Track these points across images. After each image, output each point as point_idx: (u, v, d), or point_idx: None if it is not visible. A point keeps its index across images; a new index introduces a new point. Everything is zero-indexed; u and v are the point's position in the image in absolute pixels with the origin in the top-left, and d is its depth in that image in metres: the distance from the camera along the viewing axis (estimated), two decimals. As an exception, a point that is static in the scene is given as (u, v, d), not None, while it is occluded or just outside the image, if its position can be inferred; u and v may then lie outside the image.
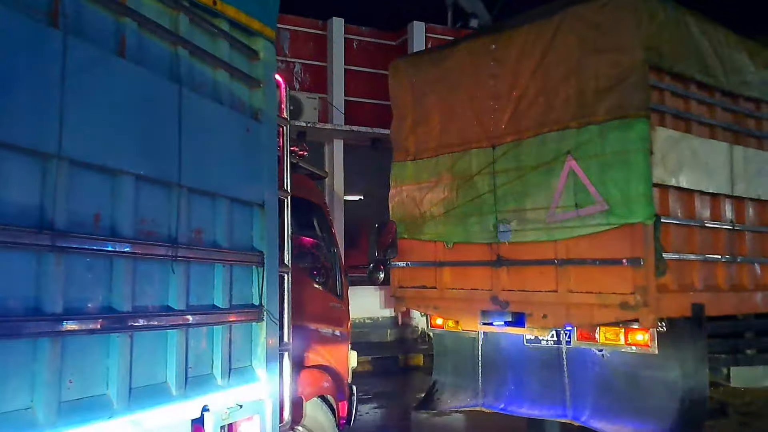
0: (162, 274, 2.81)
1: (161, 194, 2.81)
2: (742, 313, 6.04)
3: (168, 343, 2.82)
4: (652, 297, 5.03)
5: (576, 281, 5.49)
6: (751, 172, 6.13)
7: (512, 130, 5.97)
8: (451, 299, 6.44)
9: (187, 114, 2.94)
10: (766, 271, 6.26)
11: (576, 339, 5.75)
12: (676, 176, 5.44)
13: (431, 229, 6.58)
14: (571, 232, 5.50)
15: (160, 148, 2.80)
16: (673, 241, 5.42)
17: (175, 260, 2.83)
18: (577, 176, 5.45)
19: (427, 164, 6.66)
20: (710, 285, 5.70)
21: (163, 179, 2.81)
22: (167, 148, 2.84)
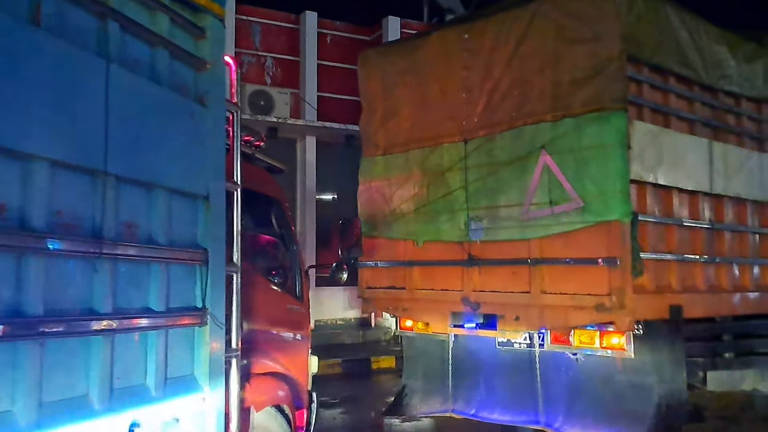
0: (84, 273, 2.49)
1: (82, 183, 2.49)
2: (720, 315, 5.84)
3: (90, 351, 2.50)
4: (628, 298, 4.80)
5: (550, 282, 5.24)
6: (731, 169, 5.94)
7: (485, 124, 5.71)
8: (420, 300, 6.17)
9: (117, 94, 2.62)
10: (744, 272, 6.08)
11: (550, 342, 5.51)
12: (654, 172, 5.22)
13: (401, 227, 6.30)
14: (545, 230, 5.25)
15: (81, 131, 2.48)
16: (651, 240, 5.20)
17: (98, 257, 2.51)
18: (551, 172, 5.21)
19: (397, 159, 6.38)
20: (688, 286, 5.49)
21: (85, 166, 2.48)
22: (90, 131, 2.51)
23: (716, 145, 5.82)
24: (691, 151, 5.60)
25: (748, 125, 6.27)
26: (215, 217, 3.24)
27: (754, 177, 6.22)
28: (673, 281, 5.35)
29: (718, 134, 5.92)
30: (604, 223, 4.91)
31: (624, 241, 4.84)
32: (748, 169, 6.15)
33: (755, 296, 6.10)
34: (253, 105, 12.78)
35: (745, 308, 5.98)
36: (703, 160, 5.69)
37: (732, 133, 6.08)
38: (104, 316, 2.54)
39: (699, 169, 5.65)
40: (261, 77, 13.53)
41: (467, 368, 6.25)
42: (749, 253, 6.12)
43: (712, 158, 5.76)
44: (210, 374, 3.15)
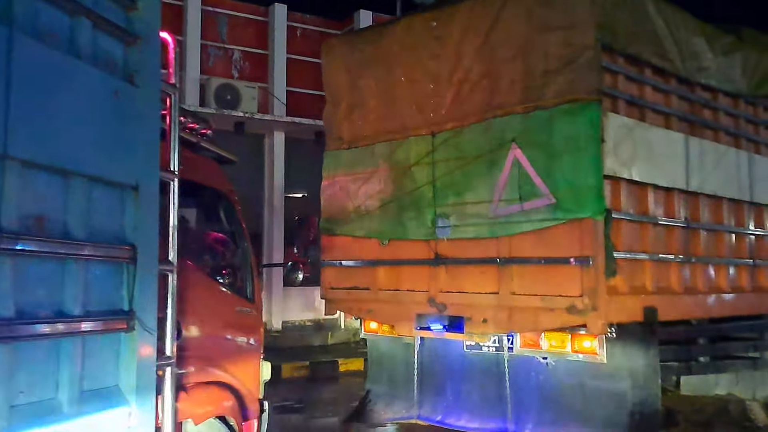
0: (-23, 272, 2.13)
1: (-26, 167, 2.13)
2: (695, 317, 5.63)
3: (-17, 362, 2.15)
4: (601, 300, 4.56)
5: (519, 282, 4.98)
6: (707, 166, 5.74)
7: (454, 116, 5.43)
8: (385, 302, 5.86)
9: (23, 67, 2.27)
10: (721, 272, 5.88)
11: (519, 345, 5.25)
12: (628, 168, 4.98)
13: (365, 225, 5.99)
14: (515, 227, 4.99)
15: (-27, 105, 2.13)
16: (625, 238, 4.97)
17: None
18: (522, 166, 4.95)
19: (363, 153, 6.07)
20: (663, 287, 5.27)
21: (-23, 147, 2.13)
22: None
23: (693, 140, 5.61)
24: (667, 146, 5.37)
25: (724, 121, 6.07)
26: (146, 210, 2.88)
27: (731, 174, 6.03)
28: (648, 282, 5.12)
29: (695, 129, 5.71)
30: (577, 220, 4.66)
31: (597, 239, 4.59)
32: (725, 166, 5.96)
33: (731, 298, 5.90)
34: (219, 99, 12.34)
35: (721, 310, 5.78)
36: (679, 156, 5.48)
37: (708, 129, 5.88)
38: (3, 322, 2.18)
39: (675, 165, 5.44)
40: (228, 71, 13.10)
41: (434, 373, 5.97)
42: (725, 253, 5.92)
43: (689, 154, 5.55)
44: (138, 386, 2.79)
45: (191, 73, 12.41)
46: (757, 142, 6.46)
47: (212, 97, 12.31)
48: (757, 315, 6.24)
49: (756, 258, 6.25)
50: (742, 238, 6.15)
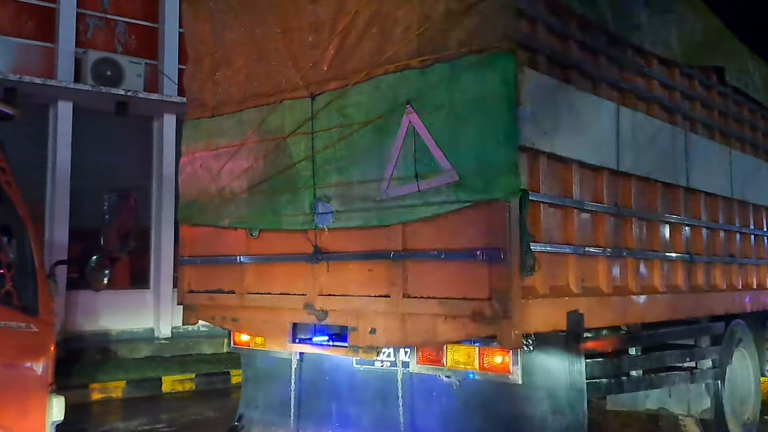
0: None
1: None
2: (627, 323, 4.72)
3: None
4: (515, 304, 3.54)
5: (415, 282, 3.91)
6: (640, 143, 4.85)
7: (337, 74, 4.32)
8: (254, 308, 4.69)
9: None
10: (654, 269, 5.01)
11: (417, 361, 4.18)
12: (550, 139, 4.00)
13: (231, 212, 4.80)
14: (410, 213, 3.92)
15: None
16: (545, 227, 3.98)
17: None
18: (418, 135, 3.88)
19: (228, 122, 4.88)
20: (590, 287, 4.33)
21: None
22: None
23: (624, 111, 4.70)
24: (595, 116, 4.44)
25: (659, 92, 5.22)
26: None
27: (666, 155, 5.18)
28: (573, 282, 4.16)
29: (626, 99, 4.80)
30: (485, 203, 3.63)
31: (510, 227, 3.57)
32: (659, 144, 5.10)
33: (666, 299, 5.04)
34: (97, 75, 10.84)
35: (655, 314, 4.90)
36: (609, 129, 4.56)
37: (641, 100, 5.00)
38: None
39: (605, 140, 4.51)
40: (110, 44, 11.58)
41: (317, 393, 4.84)
42: (660, 247, 5.05)
43: (620, 128, 4.63)
44: None
45: (65, 46, 10.87)
46: (694, 120, 5.66)
47: (89, 72, 10.79)
48: (693, 319, 5.42)
49: (693, 252, 5.44)
50: (678, 229, 5.32)
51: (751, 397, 6.38)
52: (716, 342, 5.71)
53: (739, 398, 6.17)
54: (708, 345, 5.60)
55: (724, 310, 5.83)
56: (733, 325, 5.94)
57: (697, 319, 5.48)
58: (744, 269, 6.27)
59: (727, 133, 6.18)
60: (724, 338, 5.78)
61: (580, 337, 3.96)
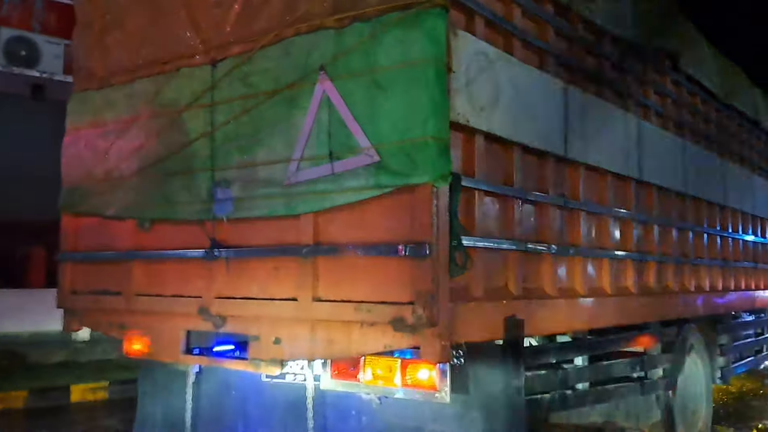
0: None
1: None
2: (573, 329, 4.20)
3: None
4: (442, 310, 2.95)
5: (328, 283, 3.29)
6: (589, 128, 4.34)
7: (242, 36, 3.67)
8: (144, 313, 3.99)
9: None
10: (603, 268, 4.50)
11: (330, 375, 3.57)
12: (488, 116, 3.43)
13: (119, 199, 4.09)
14: (323, 200, 3.29)
15: None
16: (481, 219, 3.42)
17: None
18: (333, 107, 3.26)
19: (118, 94, 4.17)
20: (533, 289, 3.79)
21: None
22: None
23: (573, 92, 4.18)
24: (541, 94, 3.89)
25: (610, 74, 4.72)
26: None
27: (617, 143, 4.69)
28: (512, 282, 3.61)
29: (575, 78, 4.28)
30: (409, 188, 3.04)
31: (437, 218, 2.98)
32: (610, 131, 4.61)
33: (615, 302, 4.54)
34: (10, 55, 9.87)
35: (604, 319, 4.40)
36: (556, 110, 4.02)
37: (591, 81, 4.49)
38: None
39: (551, 122, 3.97)
40: (26, 22, 10.54)
41: (221, 411, 4.18)
42: (609, 244, 4.55)
43: (568, 109, 4.10)
44: None
45: (-27, 22, 9.84)
46: (647, 108, 5.19)
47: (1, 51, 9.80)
48: (642, 324, 4.95)
49: (644, 251, 4.97)
50: (629, 225, 4.84)
51: (702, 406, 5.98)
52: (668, 349, 5.26)
53: (691, 408, 5.76)
54: (659, 353, 5.15)
55: (676, 314, 5.40)
56: (685, 331, 5.51)
57: (648, 324, 5.01)
58: (696, 270, 5.86)
59: (681, 124, 5.76)
60: (676, 345, 5.34)
61: (519, 346, 3.40)
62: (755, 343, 7.42)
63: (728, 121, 6.99)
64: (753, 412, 7.85)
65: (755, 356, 7.39)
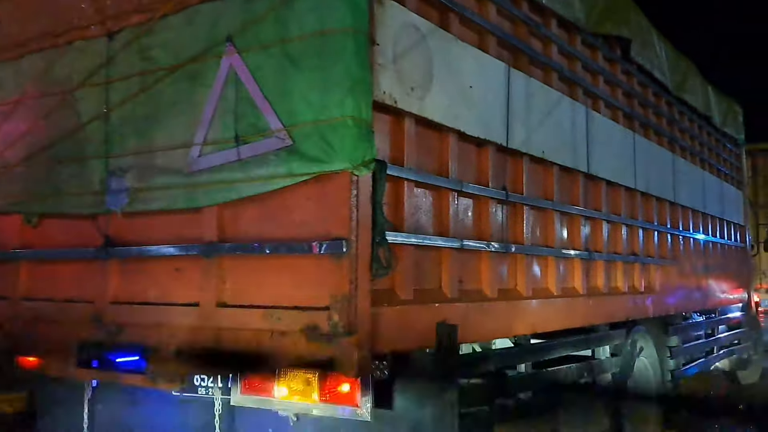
0: None
1: None
2: (515, 334, 3.86)
3: None
4: (361, 316, 2.57)
5: (234, 286, 2.88)
6: (534, 116, 4.01)
7: (140, 4, 3.21)
8: (32, 320, 3.49)
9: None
10: (548, 268, 4.18)
11: (241, 390, 3.14)
12: (420, 99, 3.05)
13: (3, 191, 3.58)
14: (229, 191, 2.87)
15: None
16: (411, 212, 3.04)
17: None
18: (241, 84, 2.84)
19: (5, 72, 3.67)
20: (470, 291, 3.43)
21: None
22: None
23: (516, 75, 3.84)
24: (481, 76, 3.53)
25: (558, 59, 4.40)
26: None
27: (564, 134, 4.37)
28: (446, 283, 3.24)
29: (520, 61, 3.95)
30: (325, 176, 2.64)
31: (357, 210, 2.60)
32: (557, 121, 4.28)
33: (561, 304, 4.23)
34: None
35: (549, 322, 4.07)
36: (497, 95, 3.67)
37: (537, 66, 4.16)
38: None
39: (492, 107, 3.62)
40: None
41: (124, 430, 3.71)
42: (555, 242, 4.23)
43: (511, 94, 3.76)
44: None
45: None
46: (596, 97, 4.90)
47: None
48: (590, 327, 4.66)
49: (592, 250, 4.67)
50: (576, 221, 4.53)
51: (652, 411, 5.74)
52: (617, 353, 4.99)
53: (640, 413, 5.50)
54: (608, 356, 4.87)
55: (625, 315, 5.13)
56: (634, 333, 5.24)
57: (596, 327, 4.72)
58: (646, 269, 5.61)
59: (631, 116, 5.50)
60: (626, 348, 5.07)
61: (452, 354, 3.02)
62: (706, 344, 7.24)
63: (680, 115, 6.78)
64: (703, 413, 7.70)
65: (706, 357, 7.21)
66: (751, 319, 8.98)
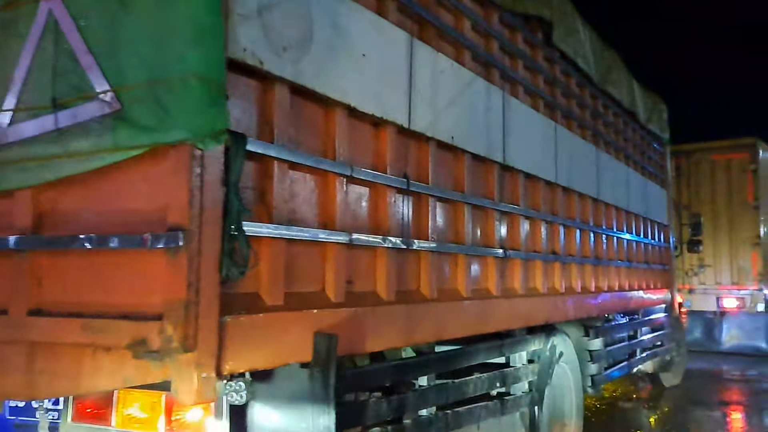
0: None
1: None
2: (415, 342, 3.38)
3: None
4: (205, 327, 2.03)
5: (50, 290, 2.29)
6: (442, 96, 3.54)
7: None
8: None
9: None
10: (458, 266, 3.74)
11: (72, 417, 2.55)
12: (296, 62, 2.53)
13: None
14: (43, 170, 2.28)
15: None
16: (281, 198, 2.51)
17: None
18: (62, 35, 2.26)
19: None
20: (360, 294, 2.93)
21: None
22: None
23: (421, 48, 3.37)
24: (376, 42, 3.04)
25: (472, 36, 3.96)
26: None
27: (477, 119, 3.93)
28: (330, 286, 2.73)
29: (425, 32, 3.48)
30: (161, 150, 2.09)
31: (202, 193, 2.06)
32: (469, 104, 3.84)
33: (473, 307, 3.79)
34: None
35: (457, 328, 3.61)
36: (397, 67, 3.19)
37: (446, 40, 3.70)
38: None
39: (390, 82, 3.13)
40: None
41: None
42: (465, 238, 3.79)
43: (413, 69, 3.29)
44: None
45: None
46: (515, 82, 4.50)
47: None
48: (505, 332, 4.24)
49: (507, 247, 4.26)
50: (490, 216, 4.11)
51: (572, 419, 5.40)
52: (534, 359, 4.60)
53: (559, 423, 5.15)
54: (524, 364, 4.47)
55: (544, 318, 4.75)
56: (553, 337, 4.88)
57: (512, 332, 4.32)
58: (567, 269, 5.27)
59: (553, 105, 5.13)
60: (544, 354, 4.69)
61: (330, 370, 2.51)
62: (629, 347, 7.00)
63: (604, 109, 6.50)
64: (627, 417, 7.50)
65: (629, 361, 6.97)
66: (674, 320, 8.87)
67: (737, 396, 8.96)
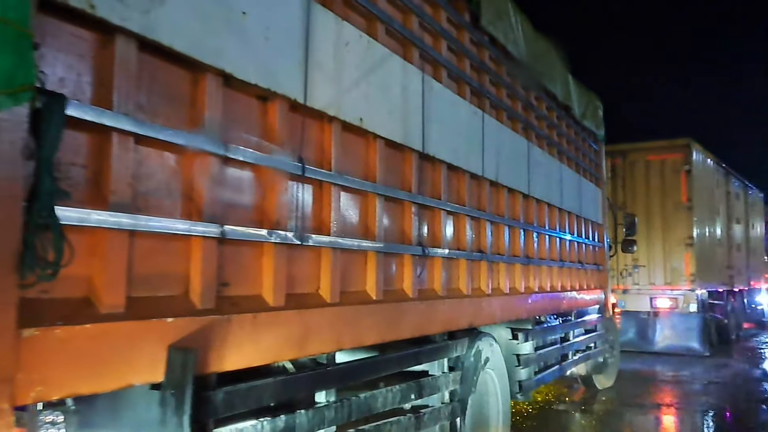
0: None
1: None
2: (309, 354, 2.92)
3: None
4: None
5: None
6: (348, 70, 3.11)
7: None
8: None
9: None
10: (367, 265, 3.31)
11: None
12: (142, 9, 2.04)
13: None
14: None
15: None
16: (122, 180, 2.02)
17: None
18: None
19: None
20: (238, 298, 2.46)
21: None
22: None
23: (322, 14, 2.92)
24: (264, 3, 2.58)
25: (388, 9, 3.53)
26: None
27: (392, 101, 3.51)
28: (195, 288, 2.26)
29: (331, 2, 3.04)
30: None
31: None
32: (382, 82, 3.41)
33: (382, 311, 3.36)
34: None
35: (364, 335, 3.17)
36: (290, 34, 2.73)
37: (355, 10, 3.27)
38: None
39: (280, 48, 2.67)
40: None
41: None
42: (374, 233, 3.36)
43: (310, 35, 2.84)
44: None
45: None
46: (437, 64, 4.09)
47: None
48: (422, 337, 3.84)
49: (426, 245, 3.86)
50: (405, 208, 3.70)
51: (498, 427, 5.05)
52: (457, 366, 4.22)
53: (484, 433, 4.80)
54: (444, 372, 4.08)
55: (468, 322, 4.38)
56: (478, 342, 4.51)
57: (431, 337, 3.92)
58: (494, 269, 4.92)
59: (480, 93, 4.77)
60: (468, 360, 4.32)
61: (183, 392, 2.04)
62: (561, 350, 6.72)
63: (537, 101, 6.20)
64: (559, 420, 7.24)
65: (561, 364, 6.70)
66: (608, 321, 8.69)
67: (670, 397, 8.85)
